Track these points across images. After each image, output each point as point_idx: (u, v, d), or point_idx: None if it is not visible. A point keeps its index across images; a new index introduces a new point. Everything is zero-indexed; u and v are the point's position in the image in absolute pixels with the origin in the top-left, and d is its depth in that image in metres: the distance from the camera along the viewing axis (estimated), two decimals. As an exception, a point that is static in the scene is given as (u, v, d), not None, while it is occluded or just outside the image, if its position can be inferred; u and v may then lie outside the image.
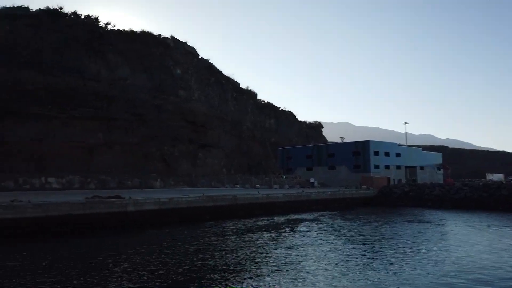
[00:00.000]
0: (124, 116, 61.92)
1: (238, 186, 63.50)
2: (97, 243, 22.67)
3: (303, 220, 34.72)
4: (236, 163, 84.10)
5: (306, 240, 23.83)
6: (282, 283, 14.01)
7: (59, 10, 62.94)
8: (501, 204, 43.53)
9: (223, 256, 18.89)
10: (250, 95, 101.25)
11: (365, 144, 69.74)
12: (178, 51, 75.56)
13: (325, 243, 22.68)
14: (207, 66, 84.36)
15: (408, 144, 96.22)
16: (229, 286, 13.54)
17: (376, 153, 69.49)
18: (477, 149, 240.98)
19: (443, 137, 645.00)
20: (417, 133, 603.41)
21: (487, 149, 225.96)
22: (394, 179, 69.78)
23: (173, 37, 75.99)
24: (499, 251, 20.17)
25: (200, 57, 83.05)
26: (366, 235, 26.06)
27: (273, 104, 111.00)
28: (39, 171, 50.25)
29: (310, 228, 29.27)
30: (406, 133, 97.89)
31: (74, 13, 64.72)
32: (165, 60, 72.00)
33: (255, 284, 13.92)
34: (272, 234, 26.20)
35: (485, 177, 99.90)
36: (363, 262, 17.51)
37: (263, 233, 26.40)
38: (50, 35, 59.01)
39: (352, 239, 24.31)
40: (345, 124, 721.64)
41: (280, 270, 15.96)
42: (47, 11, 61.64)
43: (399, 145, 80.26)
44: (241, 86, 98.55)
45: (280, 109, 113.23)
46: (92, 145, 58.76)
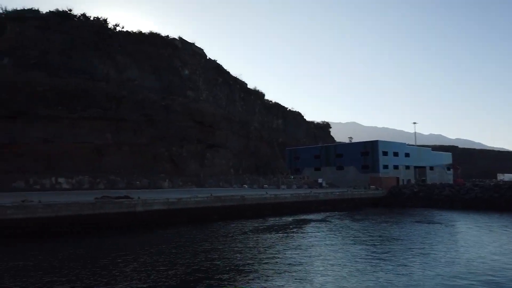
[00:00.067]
0: (132, 116, 62.32)
1: (246, 186, 63.54)
2: (107, 243, 22.86)
3: (311, 220, 34.62)
4: (244, 163, 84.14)
5: (315, 240, 23.76)
6: (290, 284, 13.98)
7: (68, 12, 63.61)
8: (512, 204, 42.91)
9: (231, 256, 18.91)
10: (258, 95, 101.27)
11: (373, 144, 69.34)
12: (186, 52, 75.86)
13: (334, 244, 22.59)
14: (215, 67, 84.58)
15: (418, 144, 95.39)
16: (238, 286, 13.55)
17: (385, 153, 69.02)
18: (487, 149, 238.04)
19: (453, 137, 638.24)
20: (426, 133, 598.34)
21: (498, 149, 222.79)
22: (403, 180, 69.19)
23: (181, 38, 76.34)
24: (511, 252, 19.91)
25: (208, 57, 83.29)
26: (375, 235, 25.90)
27: (281, 104, 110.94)
28: (49, 171, 50.78)
29: (319, 229, 29.18)
30: (415, 133, 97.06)
31: (83, 15, 65.38)
32: (173, 61, 72.33)
33: (263, 284, 13.91)
34: (280, 234, 26.17)
35: (496, 177, 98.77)
36: (372, 263, 17.40)
37: (271, 234, 26.38)
38: (60, 37, 59.68)
39: (360, 239, 24.18)
40: (353, 124, 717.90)
41: (288, 270, 15.94)
42: (56, 13, 62.32)
43: (408, 145, 79.60)
44: (248, 86, 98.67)
45: (287, 109, 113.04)
46: (101, 146, 59.23)
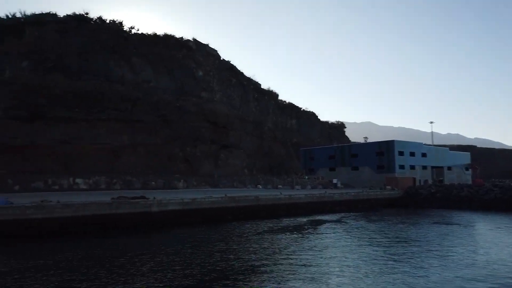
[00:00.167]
0: (148, 117, 63.05)
1: (260, 187, 63.53)
2: (123, 243, 23.18)
3: (326, 221, 34.40)
4: (258, 163, 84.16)
5: (330, 241, 23.60)
6: (306, 285, 13.93)
7: (85, 15, 64.77)
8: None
9: (246, 256, 18.94)
10: (272, 95, 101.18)
11: (389, 144, 68.48)
12: (200, 53, 76.35)
13: (349, 245, 22.39)
14: (228, 68, 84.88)
15: (435, 144, 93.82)
16: (253, 286, 13.56)
17: (401, 153, 68.08)
18: (508, 148, 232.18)
19: (472, 136, 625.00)
20: (444, 132, 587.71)
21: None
22: (420, 180, 68.16)
23: (195, 40, 76.89)
24: (533, 254, 19.39)
25: (221, 58, 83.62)
26: (391, 237, 25.57)
27: (295, 104, 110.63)
28: (67, 172, 51.79)
29: (334, 229, 28.98)
30: (432, 132, 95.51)
31: (99, 18, 66.49)
32: (187, 62, 72.90)
33: (279, 285, 13.89)
34: (295, 235, 26.08)
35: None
36: (388, 264, 17.18)
37: (286, 234, 26.32)
38: (77, 40, 60.82)
39: (376, 241, 23.90)
40: (368, 124, 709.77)
41: (303, 271, 15.87)
42: (74, 16, 63.53)
43: (425, 145, 78.36)
44: (262, 86, 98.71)
45: (301, 109, 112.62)
46: (117, 147, 60.10)
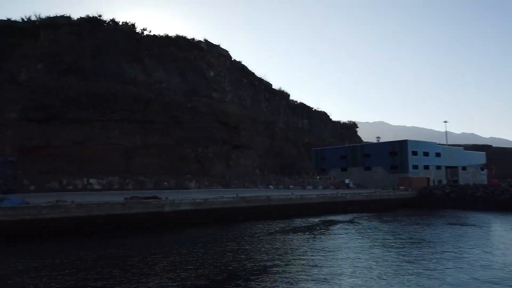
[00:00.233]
0: (160, 118, 63.60)
1: (272, 187, 63.44)
2: (136, 242, 23.41)
3: (338, 221, 34.17)
4: (269, 163, 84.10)
5: (342, 242, 23.43)
6: (319, 285, 13.85)
7: (99, 17, 65.69)
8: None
9: (258, 257, 18.93)
10: (283, 95, 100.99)
11: (402, 144, 67.69)
12: (211, 54, 76.68)
13: (362, 246, 22.19)
14: (239, 68, 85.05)
15: (449, 143, 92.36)
16: (266, 286, 13.55)
17: (415, 153, 67.24)
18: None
19: (487, 136, 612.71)
20: (458, 131, 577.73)
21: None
22: (434, 180, 67.20)
23: (206, 40, 77.25)
24: (552, 256, 18.94)
25: (233, 59, 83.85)
26: (405, 237, 25.26)
27: (306, 104, 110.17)
28: (81, 172, 52.55)
29: (346, 230, 28.77)
30: (446, 132, 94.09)
31: (112, 20, 67.34)
32: (198, 63, 73.30)
33: (291, 286, 13.85)
34: (307, 235, 25.97)
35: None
36: (402, 265, 16.97)
37: (297, 235, 26.23)
38: (91, 42, 61.72)
39: (390, 242, 23.64)
40: (381, 123, 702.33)
41: (316, 272, 15.78)
42: (87, 19, 64.49)
43: (439, 144, 77.23)
44: (273, 87, 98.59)
45: (313, 109, 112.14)
46: (130, 147, 60.77)
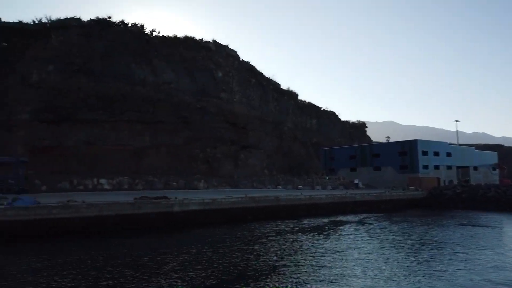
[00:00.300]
0: (169, 119, 63.92)
1: (280, 187, 63.35)
2: (146, 242, 23.56)
3: (347, 222, 33.99)
4: (278, 164, 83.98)
5: (351, 242, 23.30)
6: (328, 286, 13.78)
7: (108, 19, 66.16)
8: None
9: (267, 257, 18.91)
10: (291, 95, 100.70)
11: (412, 144, 67.09)
12: (220, 54, 76.83)
13: (372, 246, 22.03)
14: (248, 69, 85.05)
15: (460, 143, 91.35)
16: (275, 286, 13.52)
17: (425, 153, 66.59)
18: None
19: (499, 135, 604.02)
20: (469, 131, 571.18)
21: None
22: (444, 180, 66.46)
23: (214, 41, 77.41)
24: None
25: (241, 59, 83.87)
26: (415, 238, 25.02)
27: (315, 104, 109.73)
28: (92, 173, 53.07)
29: (356, 231, 28.59)
30: (457, 131, 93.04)
31: (122, 21, 67.79)
32: (207, 63, 73.50)
33: (300, 286, 13.81)
34: (316, 236, 25.88)
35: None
36: (412, 266, 16.81)
37: (306, 235, 26.15)
38: (100, 44, 62.27)
39: (400, 242, 23.44)
40: (390, 123, 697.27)
41: (325, 272, 15.71)
42: (97, 20, 65.00)
43: (450, 144, 76.37)
44: (282, 87, 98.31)
45: (321, 109, 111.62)
46: (140, 148, 61.18)
